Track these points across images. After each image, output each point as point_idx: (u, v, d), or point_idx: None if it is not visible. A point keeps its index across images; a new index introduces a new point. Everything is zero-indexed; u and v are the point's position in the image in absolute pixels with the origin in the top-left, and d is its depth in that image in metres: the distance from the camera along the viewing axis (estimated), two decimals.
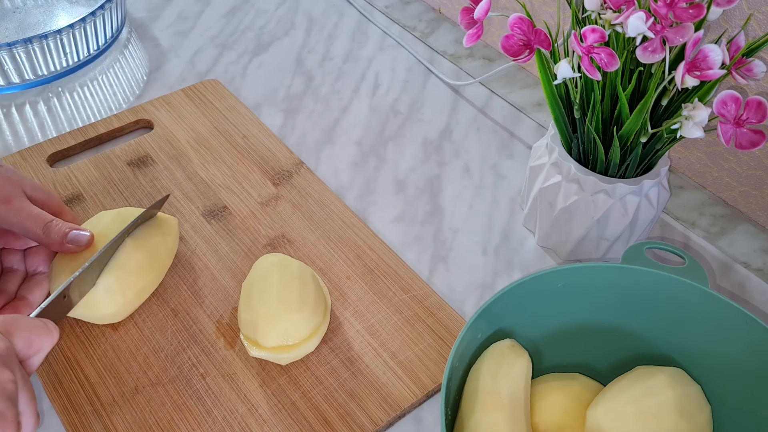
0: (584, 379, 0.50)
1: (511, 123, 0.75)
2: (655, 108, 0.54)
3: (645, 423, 0.44)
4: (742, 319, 0.45)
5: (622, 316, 0.49)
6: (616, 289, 0.48)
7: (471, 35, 0.53)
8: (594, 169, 0.57)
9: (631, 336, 0.50)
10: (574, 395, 0.48)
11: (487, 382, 0.45)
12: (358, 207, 0.66)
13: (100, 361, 0.53)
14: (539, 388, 0.49)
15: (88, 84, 0.76)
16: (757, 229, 0.65)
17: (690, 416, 0.45)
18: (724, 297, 0.46)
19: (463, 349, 0.45)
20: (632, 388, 0.46)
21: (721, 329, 0.46)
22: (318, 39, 0.86)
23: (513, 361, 0.47)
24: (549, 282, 0.48)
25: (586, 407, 0.47)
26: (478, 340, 0.47)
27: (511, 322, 0.48)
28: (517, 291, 0.46)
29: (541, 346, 0.50)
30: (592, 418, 0.45)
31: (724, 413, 0.47)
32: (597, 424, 0.45)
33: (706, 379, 0.48)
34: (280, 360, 0.51)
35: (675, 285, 0.47)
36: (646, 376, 0.47)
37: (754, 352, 0.45)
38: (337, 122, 0.75)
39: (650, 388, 0.46)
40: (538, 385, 0.49)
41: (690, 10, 0.46)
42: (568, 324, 0.50)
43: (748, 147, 0.47)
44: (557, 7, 0.73)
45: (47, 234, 0.51)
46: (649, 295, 0.48)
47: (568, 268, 0.47)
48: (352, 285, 0.58)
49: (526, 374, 0.47)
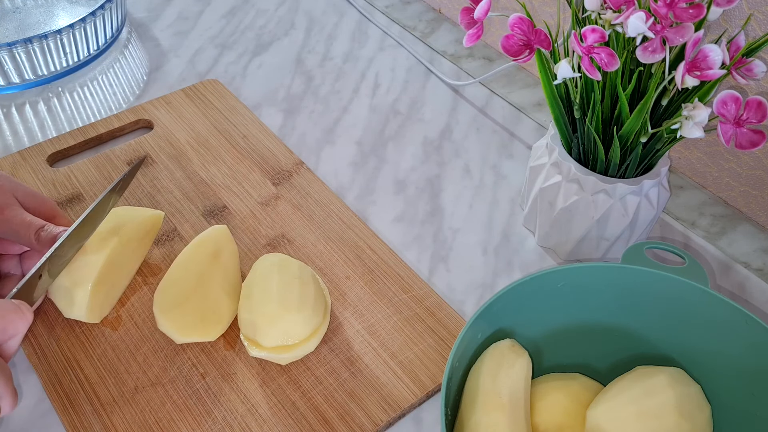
0: (584, 379, 0.50)
1: (511, 123, 0.75)
2: (655, 108, 0.53)
3: (645, 423, 0.44)
4: (742, 319, 0.45)
5: (622, 316, 0.49)
6: (615, 289, 0.48)
7: (471, 35, 0.53)
8: (594, 169, 0.57)
9: (631, 336, 0.50)
10: (574, 395, 0.48)
11: (487, 382, 0.45)
12: (358, 207, 0.66)
13: (99, 361, 0.53)
14: (539, 388, 0.49)
15: (88, 84, 0.76)
16: (757, 229, 0.65)
17: (690, 416, 0.45)
18: (724, 297, 0.46)
19: (464, 350, 0.45)
20: (632, 388, 0.46)
21: (721, 329, 0.46)
22: (318, 39, 0.86)
23: (513, 361, 0.47)
24: (549, 282, 0.48)
25: (586, 407, 0.47)
26: (478, 341, 0.47)
27: (511, 322, 0.48)
28: (517, 291, 0.46)
29: (542, 345, 0.50)
30: (592, 418, 0.45)
31: (725, 413, 0.47)
32: (597, 424, 0.45)
33: (707, 379, 0.48)
34: (280, 360, 0.51)
35: (675, 285, 0.47)
36: (646, 376, 0.47)
37: (754, 352, 0.45)
38: (337, 122, 0.75)
39: (650, 388, 0.46)
40: (539, 385, 0.49)
41: (690, 10, 0.46)
42: (568, 324, 0.50)
43: (748, 147, 0.47)
44: (557, 7, 0.73)
45: (38, 240, 0.51)
46: (649, 295, 0.48)
47: (567, 268, 0.47)
48: (352, 285, 0.58)
49: (526, 374, 0.47)
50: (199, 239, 0.57)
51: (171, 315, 0.52)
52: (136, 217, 0.57)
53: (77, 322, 0.55)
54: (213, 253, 0.56)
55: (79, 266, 0.52)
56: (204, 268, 0.55)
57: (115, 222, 0.55)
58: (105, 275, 0.53)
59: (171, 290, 0.54)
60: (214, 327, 0.53)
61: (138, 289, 0.57)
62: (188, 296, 0.53)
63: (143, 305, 0.56)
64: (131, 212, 0.57)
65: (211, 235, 0.57)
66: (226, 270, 0.55)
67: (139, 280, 0.58)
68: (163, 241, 0.61)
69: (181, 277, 0.54)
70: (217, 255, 0.56)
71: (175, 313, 0.52)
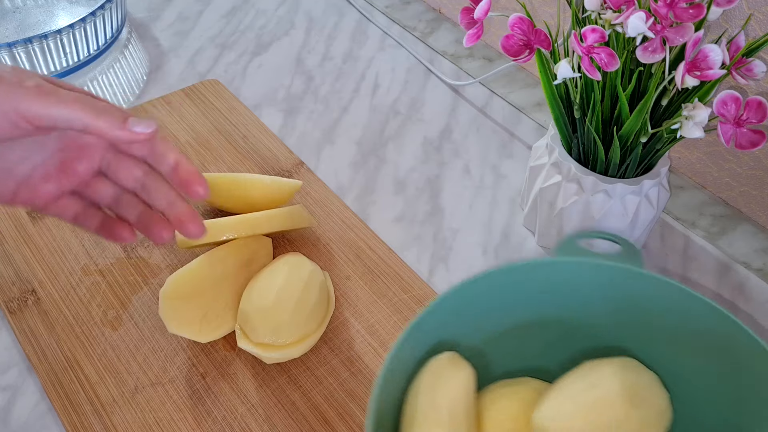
0: (535, 383, 0.47)
1: (511, 123, 0.75)
2: (655, 108, 0.54)
3: (591, 416, 0.42)
4: (678, 293, 0.43)
5: (566, 310, 0.47)
6: (552, 283, 0.46)
7: (471, 35, 0.53)
8: (594, 169, 0.57)
9: (578, 330, 0.48)
10: (522, 400, 0.46)
11: (426, 399, 0.43)
12: (358, 207, 0.66)
13: (99, 360, 0.53)
14: (488, 398, 0.47)
15: (88, 84, 0.76)
16: (757, 229, 0.65)
17: (643, 404, 0.43)
18: (655, 274, 0.44)
19: (401, 368, 0.42)
20: (576, 383, 0.44)
21: (661, 308, 0.45)
22: (318, 39, 0.86)
23: (452, 374, 0.44)
24: (483, 287, 0.45)
25: None
26: (417, 357, 0.45)
27: (452, 332, 0.46)
28: (449, 302, 0.44)
29: (488, 353, 0.48)
30: (537, 420, 0.43)
31: (688, 396, 0.45)
32: (541, 425, 0.43)
33: (664, 364, 0.46)
34: (264, 358, 0.51)
35: (609, 271, 0.45)
36: (593, 369, 0.45)
37: (698, 327, 0.43)
38: (337, 122, 0.75)
39: (595, 381, 0.44)
40: (487, 395, 0.47)
41: (690, 10, 0.46)
42: (511, 326, 0.48)
43: (748, 147, 0.47)
44: (557, 7, 0.73)
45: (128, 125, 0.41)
46: (587, 285, 0.46)
47: (497, 272, 0.45)
48: (352, 285, 0.58)
49: (467, 386, 0.44)
50: (242, 242, 0.56)
51: (173, 303, 0.52)
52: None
53: (77, 321, 0.55)
54: (246, 260, 0.56)
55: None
56: (230, 271, 0.54)
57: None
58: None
59: (185, 280, 0.53)
60: (210, 331, 0.52)
61: (138, 290, 0.57)
62: (200, 292, 0.53)
63: (143, 305, 0.56)
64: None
65: (252, 242, 0.57)
66: (249, 281, 0.55)
67: (140, 280, 0.58)
68: None
69: (202, 271, 0.54)
70: (249, 264, 0.56)
71: (178, 303, 0.52)
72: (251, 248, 0.56)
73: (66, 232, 0.61)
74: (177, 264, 0.59)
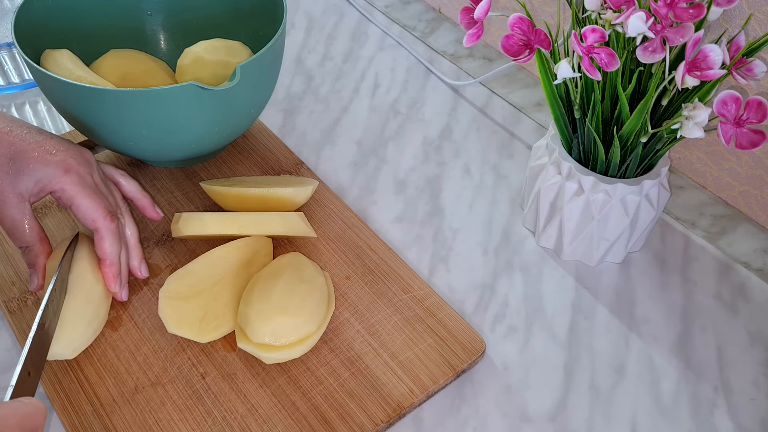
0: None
1: (511, 123, 0.75)
2: (655, 108, 0.54)
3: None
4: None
5: None
6: None
7: (471, 35, 0.53)
8: (594, 169, 0.57)
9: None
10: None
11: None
12: (358, 207, 0.66)
13: (99, 361, 0.53)
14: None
15: None
16: (757, 229, 0.65)
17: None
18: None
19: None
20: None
21: None
22: (318, 39, 0.86)
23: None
24: None
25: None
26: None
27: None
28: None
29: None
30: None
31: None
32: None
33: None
34: (263, 358, 0.51)
35: None
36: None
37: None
38: (337, 122, 0.75)
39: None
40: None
41: (690, 10, 0.46)
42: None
43: (748, 147, 0.47)
44: (557, 7, 0.73)
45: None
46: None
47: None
48: (352, 285, 0.58)
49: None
50: (242, 242, 0.56)
51: (173, 303, 0.52)
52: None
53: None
54: (248, 260, 0.56)
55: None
56: (230, 271, 0.55)
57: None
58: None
59: (185, 280, 0.53)
60: (210, 331, 0.53)
61: (138, 290, 0.57)
62: (199, 292, 0.53)
63: (143, 306, 0.56)
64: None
65: (252, 241, 0.57)
66: (249, 281, 0.55)
67: (139, 281, 0.58)
68: (163, 241, 0.61)
69: (202, 271, 0.54)
70: (249, 264, 0.56)
71: (177, 303, 0.52)
72: (251, 248, 0.57)
73: (66, 231, 0.61)
74: (177, 264, 0.59)
